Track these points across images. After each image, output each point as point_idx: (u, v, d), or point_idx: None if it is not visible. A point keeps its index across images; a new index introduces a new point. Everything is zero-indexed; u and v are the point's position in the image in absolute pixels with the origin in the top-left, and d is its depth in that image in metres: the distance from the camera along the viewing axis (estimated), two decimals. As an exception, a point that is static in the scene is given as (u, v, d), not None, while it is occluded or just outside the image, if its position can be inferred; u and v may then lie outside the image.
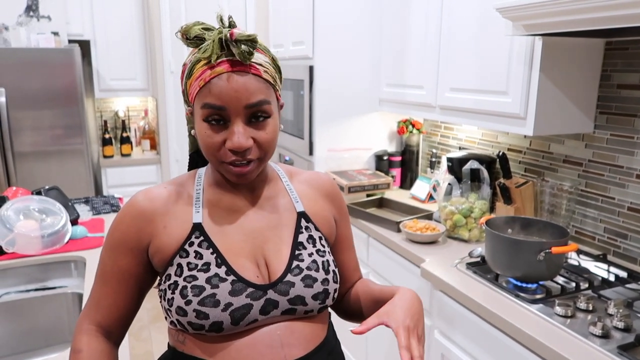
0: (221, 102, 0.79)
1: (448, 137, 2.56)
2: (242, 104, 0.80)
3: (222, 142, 0.81)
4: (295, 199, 0.95)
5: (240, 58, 0.79)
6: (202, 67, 0.81)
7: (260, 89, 0.81)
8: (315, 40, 2.50)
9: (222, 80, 0.79)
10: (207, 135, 0.82)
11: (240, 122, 0.81)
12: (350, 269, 1.06)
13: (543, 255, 1.40)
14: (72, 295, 1.62)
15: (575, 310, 1.35)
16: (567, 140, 1.88)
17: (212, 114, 0.80)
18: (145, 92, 3.95)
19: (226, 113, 0.80)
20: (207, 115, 0.81)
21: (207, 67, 0.80)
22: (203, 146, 0.83)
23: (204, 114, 0.81)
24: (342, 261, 1.04)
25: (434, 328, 1.72)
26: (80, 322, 0.93)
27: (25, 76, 3.09)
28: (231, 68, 0.79)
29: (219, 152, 0.82)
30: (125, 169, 3.81)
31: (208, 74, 0.80)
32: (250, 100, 0.80)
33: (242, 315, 0.81)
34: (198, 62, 0.81)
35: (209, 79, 0.80)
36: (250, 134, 0.81)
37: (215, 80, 0.79)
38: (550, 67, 1.61)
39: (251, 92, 0.80)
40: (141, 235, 0.87)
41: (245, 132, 0.81)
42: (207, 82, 0.80)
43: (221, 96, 0.79)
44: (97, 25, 3.66)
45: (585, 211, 1.83)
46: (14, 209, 1.77)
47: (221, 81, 0.79)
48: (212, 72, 0.79)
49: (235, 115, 0.80)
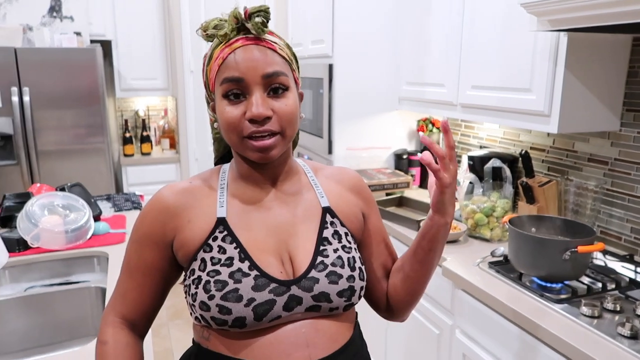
0: (239, 73, 0.80)
1: (469, 136, 2.53)
2: (260, 72, 0.80)
3: (242, 114, 0.81)
4: (320, 194, 0.94)
5: (255, 30, 0.81)
6: (221, 47, 0.83)
7: (277, 61, 0.83)
8: (335, 38, 2.50)
9: (239, 53, 0.81)
10: (226, 111, 0.82)
11: (258, 92, 0.81)
12: (390, 261, 1.03)
13: (569, 254, 1.38)
14: (95, 289, 1.64)
15: (602, 310, 1.32)
16: (592, 138, 1.84)
17: (230, 87, 0.81)
18: (165, 92, 3.99)
19: (244, 84, 0.81)
20: (226, 90, 0.82)
21: (225, 46, 0.82)
22: (223, 125, 0.83)
23: (223, 90, 0.82)
24: (377, 253, 1.01)
25: (455, 327, 1.70)
26: (106, 314, 0.94)
27: (48, 76, 3.14)
28: (247, 42, 0.82)
29: (239, 126, 0.81)
30: (145, 168, 3.85)
31: (226, 51, 0.82)
32: (267, 69, 0.81)
33: (265, 311, 0.80)
34: (217, 46, 0.84)
35: (226, 55, 0.82)
36: (270, 105, 0.82)
37: (232, 54, 0.81)
38: (576, 63, 1.58)
39: (268, 62, 0.81)
40: (166, 230, 0.87)
41: (264, 102, 0.81)
42: (225, 58, 0.82)
43: (239, 67, 0.80)
44: (119, 25, 3.71)
45: (611, 211, 1.80)
46: (39, 204, 1.80)
47: (238, 54, 0.81)
48: (230, 48, 0.82)
49: (253, 86, 0.81)
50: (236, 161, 0.92)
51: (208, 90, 0.88)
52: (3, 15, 3.35)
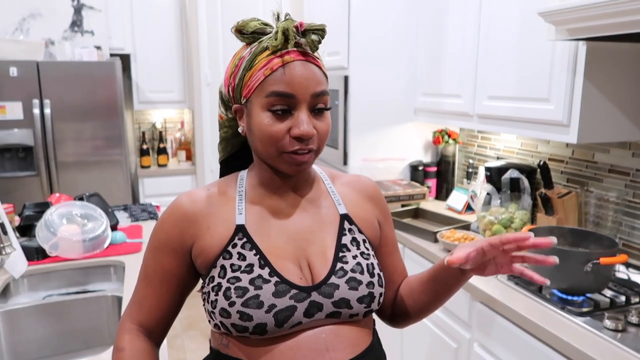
0: (291, 90, 0.79)
1: (485, 147, 2.51)
2: (310, 91, 0.80)
3: (286, 130, 0.81)
4: (338, 202, 0.94)
5: (310, 47, 0.81)
6: (268, 56, 0.81)
7: (323, 80, 0.84)
8: (351, 50, 2.51)
9: (291, 68, 0.80)
10: (269, 124, 0.81)
11: (305, 110, 0.81)
12: (398, 272, 1.03)
13: (590, 266, 1.35)
14: (111, 298, 1.65)
15: (627, 324, 1.28)
16: (613, 149, 1.81)
17: (278, 102, 0.80)
18: (182, 104, 4.04)
19: (294, 101, 0.80)
20: (273, 104, 0.80)
21: (275, 56, 0.80)
22: (263, 137, 0.82)
23: (268, 102, 0.80)
24: (389, 264, 1.02)
25: (473, 341, 1.67)
26: (123, 321, 0.94)
27: (69, 88, 3.20)
28: (299, 57, 0.81)
29: (282, 141, 0.81)
30: (162, 179, 3.89)
31: (276, 62, 0.80)
32: (316, 89, 0.81)
33: (285, 317, 0.79)
34: (262, 53, 0.81)
35: (276, 68, 0.80)
36: (313, 123, 0.82)
37: (284, 68, 0.80)
38: (595, 72, 1.56)
39: (317, 82, 0.81)
40: (184, 237, 0.87)
41: (310, 121, 0.81)
42: (275, 70, 0.80)
43: (291, 83, 0.79)
44: (138, 39, 3.79)
45: (633, 223, 1.76)
46: (58, 213, 1.83)
47: (290, 69, 0.80)
48: (281, 60, 0.80)
49: (301, 103, 0.81)
50: (260, 168, 0.91)
51: (238, 93, 0.86)
52: (27, 30, 3.44)
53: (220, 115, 0.94)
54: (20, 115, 3.12)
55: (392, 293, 1.03)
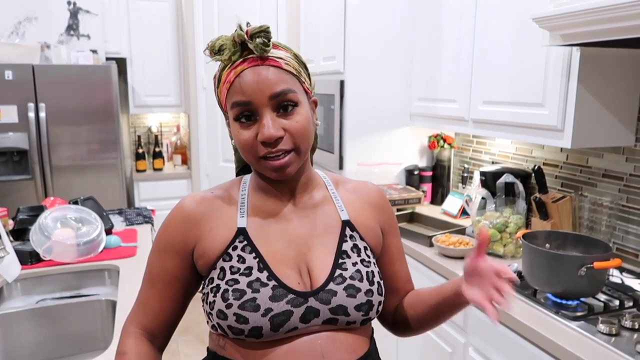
0: (246, 97, 0.81)
1: (480, 152, 2.52)
2: (266, 94, 0.81)
3: (254, 136, 0.82)
4: (340, 207, 0.93)
5: (257, 51, 0.81)
6: (227, 71, 0.84)
7: (283, 79, 0.82)
8: (347, 55, 2.52)
9: (244, 76, 0.81)
10: (239, 133, 0.83)
11: (268, 114, 0.81)
12: (403, 281, 1.02)
13: (584, 270, 1.35)
14: (105, 302, 1.64)
15: (620, 328, 1.28)
16: (607, 154, 1.82)
17: (240, 111, 0.82)
18: (178, 108, 4.03)
19: (253, 107, 0.81)
20: (237, 114, 0.82)
21: (230, 69, 0.83)
22: (239, 146, 0.84)
23: (233, 113, 0.83)
24: (394, 272, 1.01)
25: (468, 345, 1.67)
26: (127, 325, 0.94)
27: (64, 92, 3.20)
28: (251, 63, 0.82)
29: (253, 148, 0.82)
30: (157, 183, 3.88)
31: (232, 74, 0.83)
32: (273, 90, 0.81)
33: (281, 322, 0.79)
34: (224, 69, 0.84)
35: (233, 79, 0.82)
36: (281, 124, 0.82)
37: (238, 78, 0.82)
38: (589, 78, 1.57)
39: (273, 82, 0.81)
40: (187, 239, 0.88)
41: (274, 123, 0.81)
42: (232, 82, 0.82)
43: (245, 91, 0.81)
44: (134, 43, 3.78)
45: (627, 227, 1.76)
46: (52, 217, 1.82)
47: (243, 77, 0.81)
48: (234, 72, 0.82)
49: (262, 108, 0.81)
50: (255, 174, 0.93)
51: (222, 109, 0.89)
52: (22, 33, 3.44)
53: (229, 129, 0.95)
54: (15, 118, 3.11)
55: (396, 300, 1.02)
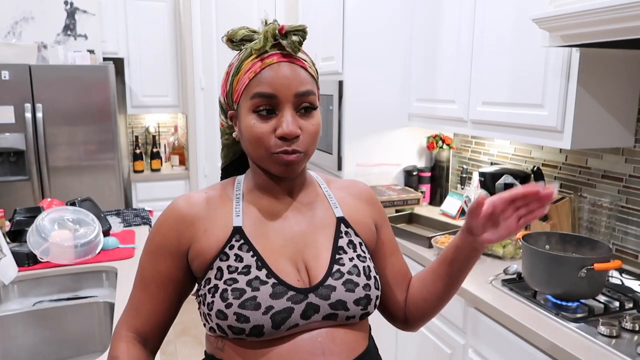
0: (272, 90, 0.81)
1: (479, 153, 2.52)
2: (292, 91, 0.81)
3: (271, 130, 0.82)
4: (334, 205, 0.94)
5: (291, 48, 0.81)
6: (252, 60, 0.83)
7: (308, 80, 0.84)
8: (345, 55, 2.51)
9: (273, 69, 0.81)
10: (255, 125, 0.82)
11: (290, 110, 0.81)
12: (402, 273, 1.02)
13: (584, 271, 1.35)
14: (103, 304, 1.63)
15: (621, 330, 1.28)
16: (606, 154, 1.82)
17: (262, 103, 0.81)
18: (175, 109, 4.02)
19: (276, 101, 0.81)
20: (257, 106, 0.82)
21: (258, 60, 0.82)
22: (251, 138, 0.83)
23: (253, 104, 0.82)
24: (391, 265, 1.01)
25: (467, 347, 1.67)
26: (118, 329, 0.92)
27: (61, 92, 3.18)
28: (281, 59, 0.82)
29: (268, 142, 0.82)
30: (155, 184, 3.86)
31: (259, 65, 0.82)
32: (299, 88, 0.81)
33: (282, 319, 0.79)
34: (247, 58, 0.83)
35: (259, 70, 0.82)
36: (299, 124, 0.82)
37: (266, 70, 0.81)
38: (588, 79, 1.57)
39: (300, 81, 0.82)
40: (181, 240, 0.87)
41: (294, 120, 0.81)
42: (258, 73, 0.82)
43: (273, 84, 0.81)
44: (131, 43, 3.77)
45: (626, 228, 1.76)
46: (49, 218, 1.81)
47: (272, 70, 0.81)
48: (263, 63, 0.82)
49: (285, 103, 0.81)
50: (254, 172, 0.92)
51: (230, 99, 0.88)
52: (19, 33, 3.42)
53: (221, 123, 0.95)
54: (12, 119, 3.09)
55: (402, 294, 1.01)
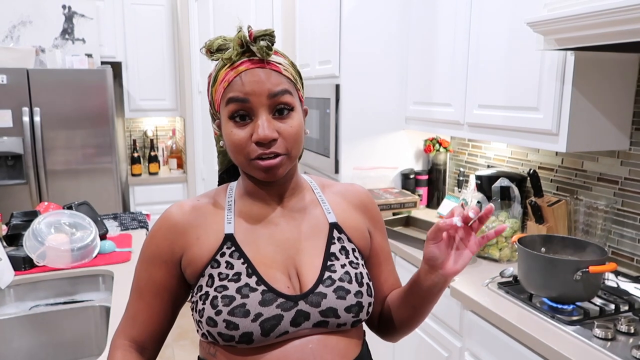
0: (243, 94, 0.81)
1: (476, 156, 2.52)
2: (265, 94, 0.81)
3: (248, 137, 0.82)
4: (327, 210, 0.93)
5: (260, 53, 0.81)
6: (225, 70, 0.83)
7: (282, 81, 0.83)
8: (342, 59, 2.52)
9: (244, 75, 0.82)
10: (233, 133, 0.82)
11: (264, 114, 0.81)
12: (389, 283, 1.02)
13: (580, 274, 1.35)
14: (99, 308, 1.63)
15: (616, 332, 1.28)
16: (602, 157, 1.82)
17: (236, 109, 0.82)
18: (173, 112, 4.03)
19: (249, 105, 0.81)
20: (232, 112, 0.82)
21: (230, 69, 0.83)
22: (230, 146, 0.83)
23: (228, 111, 0.82)
24: (379, 274, 1.00)
25: (464, 350, 1.67)
26: (115, 338, 0.93)
27: (59, 96, 3.18)
28: (252, 65, 0.82)
29: (245, 148, 0.82)
30: (153, 187, 3.87)
31: (231, 74, 0.82)
32: (272, 89, 0.81)
33: (272, 326, 0.79)
34: (222, 68, 0.84)
35: (232, 78, 0.82)
36: (276, 127, 0.82)
37: (238, 77, 0.82)
38: (583, 82, 1.58)
39: (273, 83, 0.82)
40: (174, 248, 0.87)
41: (270, 124, 0.81)
42: (231, 81, 0.82)
43: (244, 88, 0.81)
44: (129, 47, 3.78)
45: (622, 231, 1.77)
46: (46, 222, 1.81)
47: (243, 76, 0.82)
48: (235, 71, 0.82)
49: (259, 107, 0.81)
50: (242, 178, 0.92)
51: (214, 109, 0.89)
52: (17, 37, 3.43)
53: (215, 131, 0.95)
54: (10, 123, 3.09)
55: (379, 304, 1.01)
